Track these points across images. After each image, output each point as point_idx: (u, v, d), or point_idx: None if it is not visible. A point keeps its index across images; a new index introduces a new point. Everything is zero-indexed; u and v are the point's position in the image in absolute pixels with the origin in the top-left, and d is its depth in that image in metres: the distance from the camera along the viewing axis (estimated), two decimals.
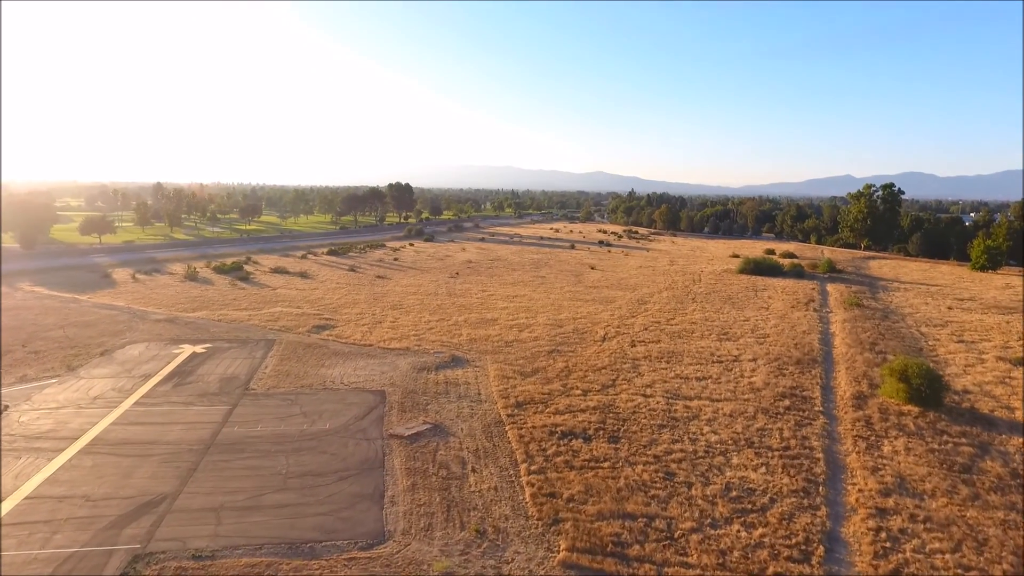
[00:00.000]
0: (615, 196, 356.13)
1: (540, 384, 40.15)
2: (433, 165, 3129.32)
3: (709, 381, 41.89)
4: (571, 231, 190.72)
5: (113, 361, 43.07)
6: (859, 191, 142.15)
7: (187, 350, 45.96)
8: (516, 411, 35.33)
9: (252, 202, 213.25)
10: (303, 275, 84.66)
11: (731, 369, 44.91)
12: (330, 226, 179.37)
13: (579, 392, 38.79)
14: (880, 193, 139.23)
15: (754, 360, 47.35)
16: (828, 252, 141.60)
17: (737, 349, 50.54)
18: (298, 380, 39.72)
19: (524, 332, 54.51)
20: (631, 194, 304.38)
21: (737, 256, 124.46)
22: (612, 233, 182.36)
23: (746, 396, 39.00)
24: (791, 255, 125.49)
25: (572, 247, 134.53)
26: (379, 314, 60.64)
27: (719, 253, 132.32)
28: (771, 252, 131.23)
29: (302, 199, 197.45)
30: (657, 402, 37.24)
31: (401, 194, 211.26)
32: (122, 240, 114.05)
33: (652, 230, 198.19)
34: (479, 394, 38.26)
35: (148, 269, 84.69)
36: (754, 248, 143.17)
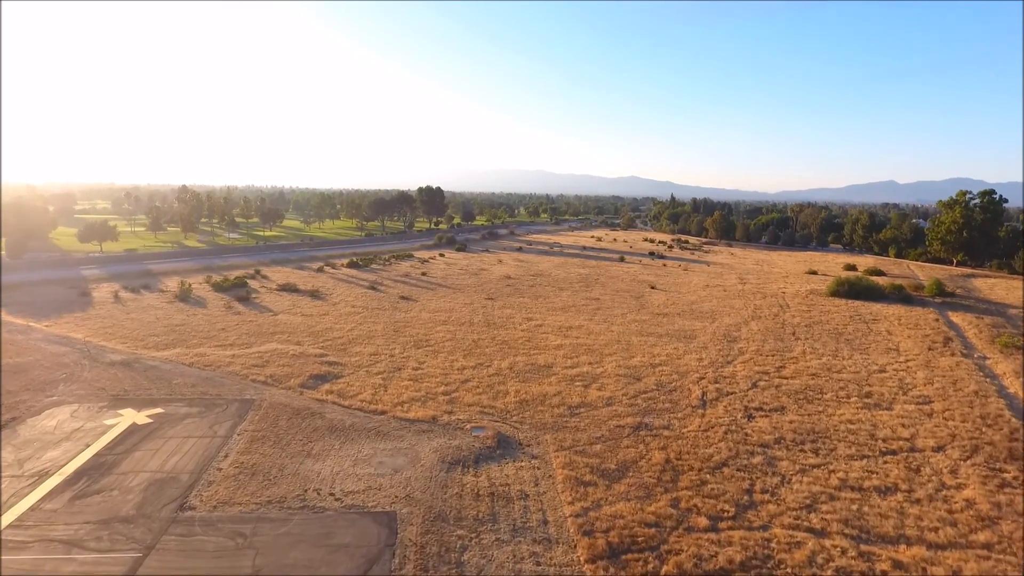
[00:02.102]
0: (656, 202, 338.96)
1: (637, 501, 25.78)
2: (463, 169, 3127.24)
3: (899, 495, 26.96)
4: (614, 240, 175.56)
5: (14, 438, 30.12)
6: (952, 198, 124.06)
7: (126, 419, 32.82)
8: (613, 570, 21.05)
9: (275, 206, 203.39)
10: (315, 294, 71.69)
11: (916, 468, 29.85)
12: (355, 232, 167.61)
13: (704, 521, 24.29)
14: (978, 201, 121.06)
15: (940, 450, 32.15)
16: (915, 268, 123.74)
17: (902, 425, 35.35)
18: (266, 486, 26.08)
19: (591, 388, 40.20)
20: (673, 200, 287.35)
21: (815, 272, 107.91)
22: (660, 243, 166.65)
23: (977, 533, 24.02)
24: (878, 272, 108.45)
25: (622, 259, 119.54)
26: (399, 355, 46.94)
27: (790, 268, 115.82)
28: (852, 268, 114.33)
29: (328, 203, 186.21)
30: (841, 551, 22.52)
31: (431, 198, 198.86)
32: (124, 248, 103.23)
33: (704, 239, 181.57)
34: (544, 522, 24.08)
35: (138, 285, 72.80)
36: (828, 263, 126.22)
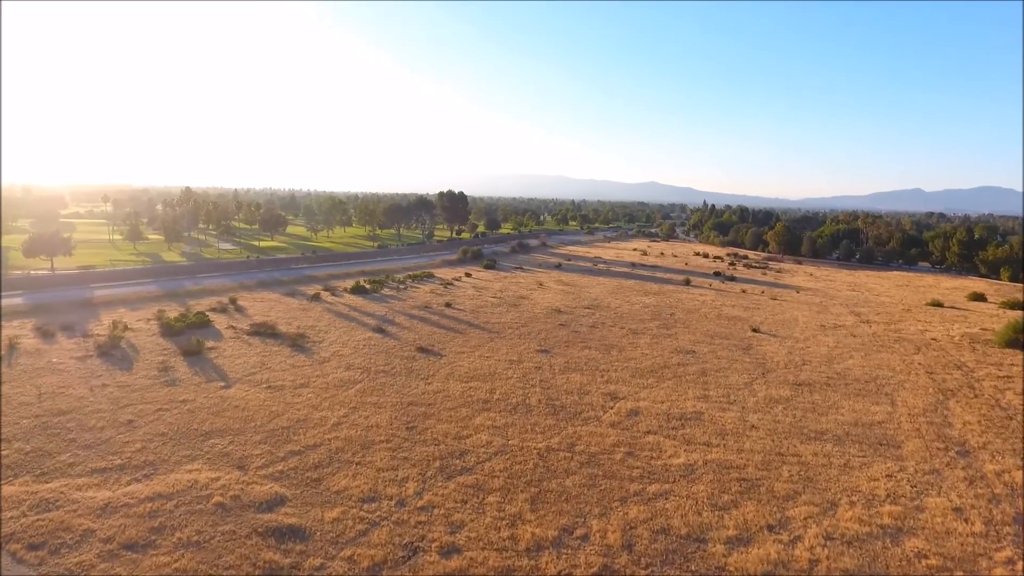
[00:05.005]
0: (694, 209, 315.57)
1: None
2: (479, 173, 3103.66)
3: None
4: (661, 253, 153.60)
5: None
6: None
7: None
8: None
9: (284, 210, 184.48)
10: (297, 342, 50.89)
11: None
12: (367, 243, 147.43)
13: None
14: None
15: None
16: None
17: None
18: None
19: None
20: (713, 208, 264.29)
21: (938, 304, 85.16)
22: (716, 258, 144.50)
23: None
24: (1019, 304, 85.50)
25: (688, 283, 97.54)
26: (412, 506, 25.75)
27: (902, 297, 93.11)
28: (979, 297, 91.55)
29: (339, 208, 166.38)
30: None
31: (453, 204, 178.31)
32: (78, 264, 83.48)
33: (765, 254, 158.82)
34: None
35: (59, 325, 52.53)
36: (939, 289, 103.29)
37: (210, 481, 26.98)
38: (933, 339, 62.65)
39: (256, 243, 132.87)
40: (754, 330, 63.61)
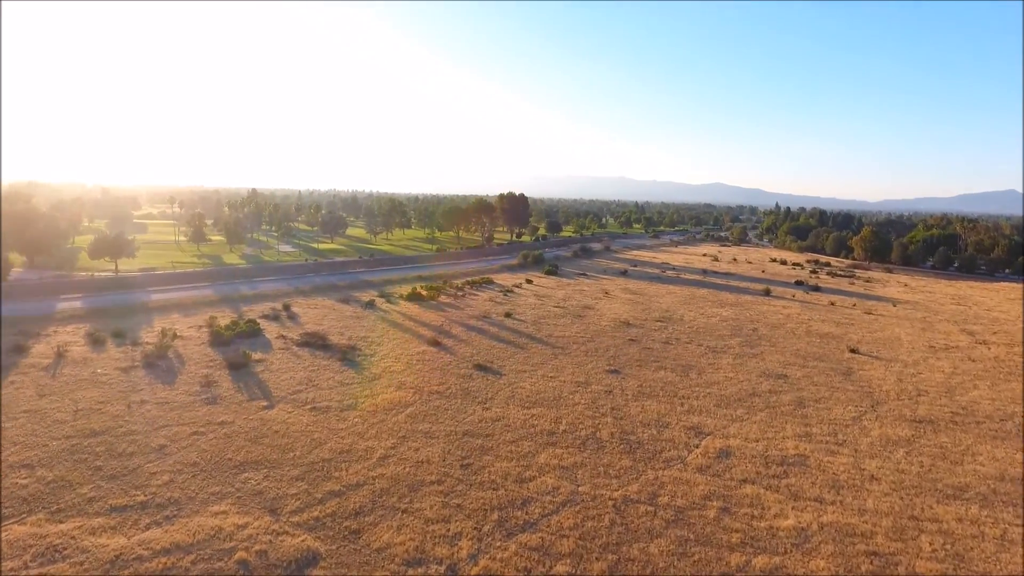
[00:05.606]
0: (769, 212, 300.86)
1: None
2: (536, 175, 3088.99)
3: None
4: (734, 259, 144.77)
5: None
6: None
7: None
8: None
9: (345, 212, 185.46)
10: (348, 355, 47.64)
11: None
12: (426, 246, 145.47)
13: None
14: None
15: None
16: None
17: None
18: None
19: None
20: (787, 211, 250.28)
21: None
22: (795, 265, 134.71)
23: None
24: None
25: (768, 293, 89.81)
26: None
27: (1013, 310, 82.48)
28: None
29: (398, 210, 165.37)
30: None
31: (514, 207, 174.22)
32: (140, 266, 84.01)
33: (849, 261, 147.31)
34: None
35: (111, 330, 51.20)
36: None
37: (236, 529, 23.44)
38: None
39: (315, 245, 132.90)
40: (852, 350, 56.30)
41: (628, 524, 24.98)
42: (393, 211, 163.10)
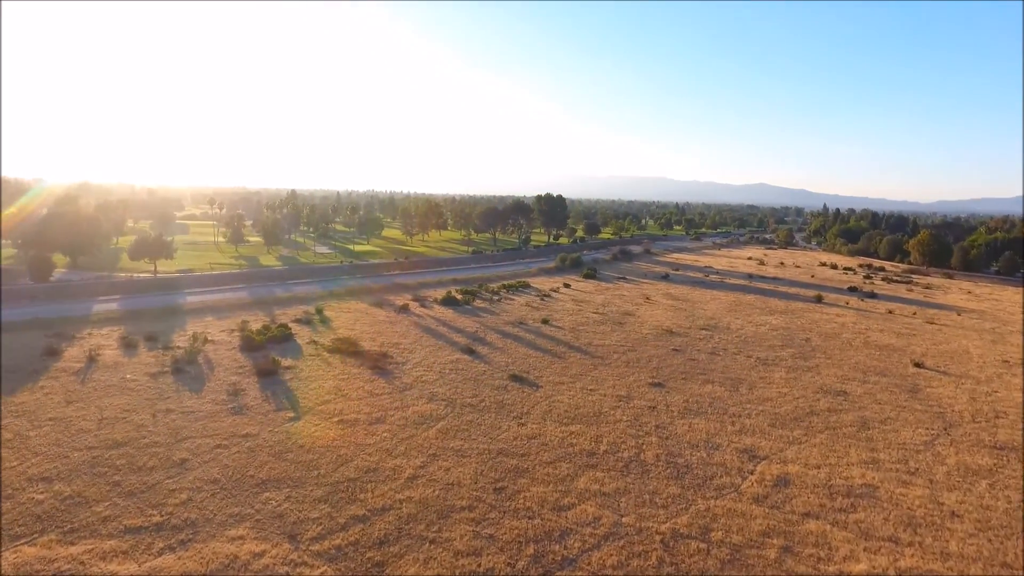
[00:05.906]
0: (816, 214, 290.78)
1: None
2: (573, 175, 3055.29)
3: None
4: (781, 263, 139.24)
5: None
6: None
7: None
8: None
9: (382, 212, 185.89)
10: (379, 363, 46.02)
11: None
12: (462, 248, 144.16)
13: None
14: None
15: None
16: None
17: None
18: None
19: None
20: (837, 212, 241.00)
21: None
22: (847, 269, 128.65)
23: None
24: None
25: (819, 300, 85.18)
26: None
27: None
28: None
29: (435, 212, 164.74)
30: None
31: (551, 208, 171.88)
32: (178, 268, 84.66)
33: (905, 265, 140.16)
34: None
35: (143, 334, 50.89)
36: None
37: (252, 557, 21.81)
38: None
39: (351, 247, 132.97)
40: (916, 365, 52.16)
41: (678, 564, 22.45)
42: (429, 212, 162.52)
